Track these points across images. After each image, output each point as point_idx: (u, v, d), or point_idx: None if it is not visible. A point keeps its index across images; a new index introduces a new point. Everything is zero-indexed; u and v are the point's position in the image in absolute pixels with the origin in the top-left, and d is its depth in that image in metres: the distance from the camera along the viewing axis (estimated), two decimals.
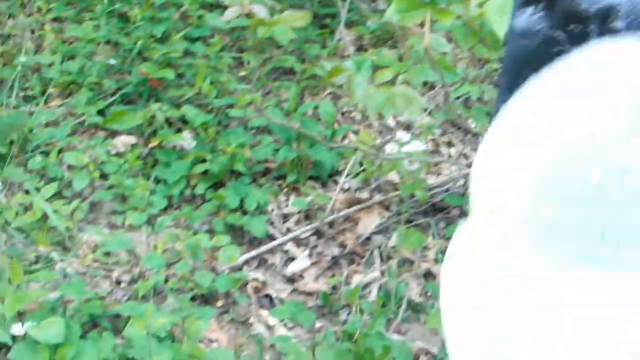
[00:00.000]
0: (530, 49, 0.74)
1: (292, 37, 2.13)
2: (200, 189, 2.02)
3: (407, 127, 2.36)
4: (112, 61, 2.39)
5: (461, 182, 2.12)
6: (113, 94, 2.30)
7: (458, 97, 2.34)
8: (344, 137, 2.38)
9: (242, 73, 2.50)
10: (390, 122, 2.44)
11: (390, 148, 1.77)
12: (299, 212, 2.06)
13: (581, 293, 0.35)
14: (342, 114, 2.52)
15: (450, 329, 0.37)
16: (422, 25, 1.70)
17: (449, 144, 2.47)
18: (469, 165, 2.19)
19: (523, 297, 0.35)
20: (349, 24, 2.92)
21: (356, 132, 2.43)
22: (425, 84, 2.18)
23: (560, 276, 0.35)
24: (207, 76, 2.23)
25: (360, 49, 2.85)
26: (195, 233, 1.88)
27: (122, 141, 2.18)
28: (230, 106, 2.24)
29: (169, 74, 2.28)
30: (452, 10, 1.74)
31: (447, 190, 2.09)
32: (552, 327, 0.34)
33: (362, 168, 2.14)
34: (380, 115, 2.16)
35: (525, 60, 0.74)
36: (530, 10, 0.75)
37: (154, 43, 2.43)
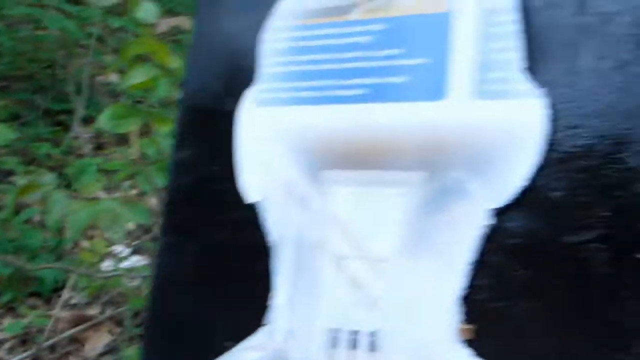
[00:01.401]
0: (190, 187, 0.65)
1: (12, 137, 1.95)
2: None
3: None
4: None
5: None
6: None
7: None
8: (74, 246, 2.19)
9: None
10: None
11: (107, 264, 1.64)
12: (14, 337, 1.82)
13: None
14: None
15: None
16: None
17: None
18: None
19: None
20: (87, 121, 2.76)
21: (90, 238, 2.25)
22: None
23: None
24: None
25: (99, 147, 2.68)
26: None
27: None
28: None
29: None
30: (171, 117, 1.68)
31: None
32: None
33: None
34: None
35: (185, 198, 0.66)
36: (190, 143, 0.67)
37: None
